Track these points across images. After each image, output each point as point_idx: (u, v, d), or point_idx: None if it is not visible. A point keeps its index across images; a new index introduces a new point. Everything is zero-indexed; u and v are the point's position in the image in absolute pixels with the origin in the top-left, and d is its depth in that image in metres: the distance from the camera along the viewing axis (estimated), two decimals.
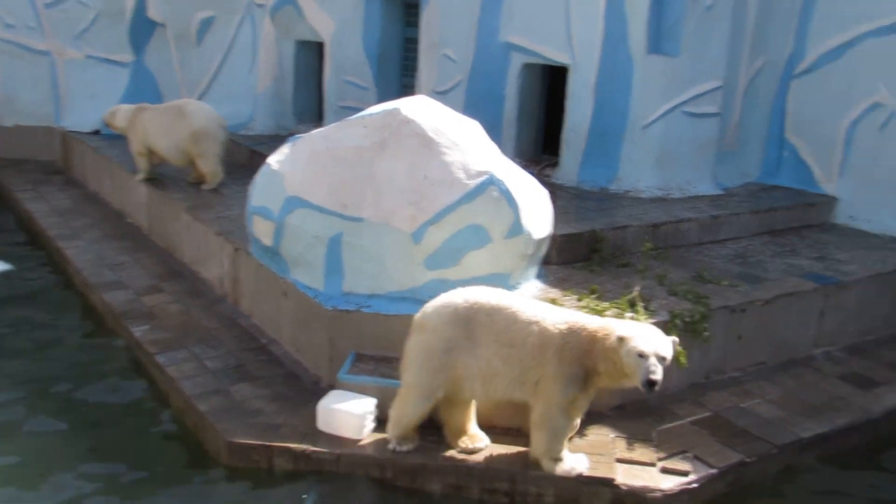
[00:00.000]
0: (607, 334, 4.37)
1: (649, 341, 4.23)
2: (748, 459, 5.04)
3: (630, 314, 5.57)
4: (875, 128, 8.29)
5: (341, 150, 5.87)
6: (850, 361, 6.52)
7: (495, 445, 5.08)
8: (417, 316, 4.74)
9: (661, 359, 4.20)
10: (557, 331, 4.48)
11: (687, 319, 5.67)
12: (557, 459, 4.70)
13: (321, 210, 5.82)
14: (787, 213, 8.38)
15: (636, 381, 4.20)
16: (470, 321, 4.53)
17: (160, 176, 9.24)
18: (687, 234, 7.43)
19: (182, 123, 8.38)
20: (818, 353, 6.56)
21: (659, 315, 5.54)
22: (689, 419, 5.44)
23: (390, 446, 4.84)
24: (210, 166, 8.51)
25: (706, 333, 5.74)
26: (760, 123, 9.05)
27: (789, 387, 6.00)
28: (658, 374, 4.14)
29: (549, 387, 4.46)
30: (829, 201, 8.64)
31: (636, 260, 6.85)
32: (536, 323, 4.50)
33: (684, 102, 8.28)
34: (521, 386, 4.54)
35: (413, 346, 4.66)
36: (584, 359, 4.41)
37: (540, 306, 4.63)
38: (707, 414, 5.51)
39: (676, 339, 4.42)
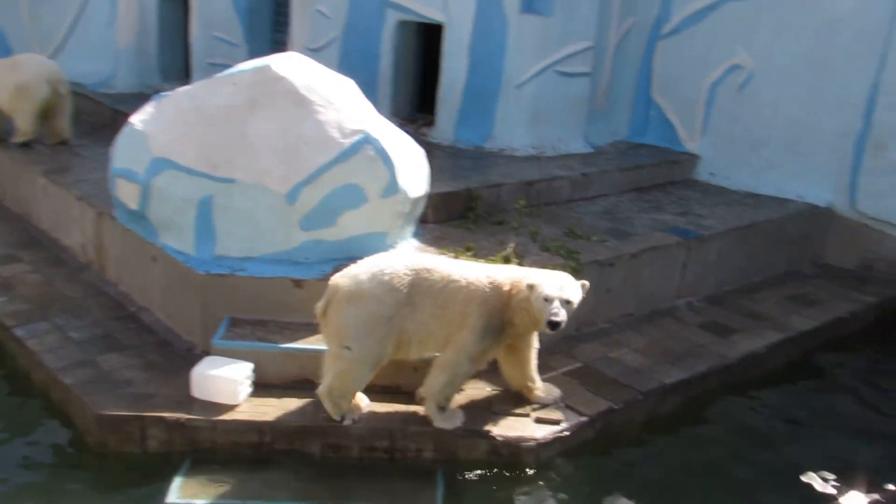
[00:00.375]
0: (521, 287, 4.56)
1: (555, 286, 4.47)
2: (616, 406, 5.23)
3: None
4: (734, 89, 8.58)
5: (210, 108, 5.64)
6: (709, 311, 6.80)
7: (375, 404, 5.10)
8: (347, 285, 4.60)
9: (566, 302, 4.46)
10: (481, 285, 4.61)
11: None
12: (442, 407, 4.83)
13: (189, 172, 5.62)
14: (653, 170, 8.62)
15: (543, 324, 4.44)
16: (411, 287, 4.57)
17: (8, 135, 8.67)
18: (559, 191, 7.52)
19: (10, 77, 7.94)
20: (681, 303, 6.81)
21: None
22: (561, 370, 5.56)
23: (346, 421, 4.80)
24: (23, 124, 8.06)
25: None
26: (629, 83, 9.19)
27: (654, 336, 6.20)
28: (560, 316, 4.39)
29: (466, 335, 4.61)
30: (692, 159, 8.91)
31: (510, 217, 6.90)
32: (464, 279, 4.62)
33: (557, 62, 8.33)
34: (450, 342, 4.70)
35: (353, 317, 4.55)
36: (503, 312, 4.61)
37: (466, 265, 4.78)
38: (578, 365, 5.66)
39: (587, 283, 4.63)
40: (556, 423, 5.07)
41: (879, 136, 7.92)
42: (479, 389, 5.37)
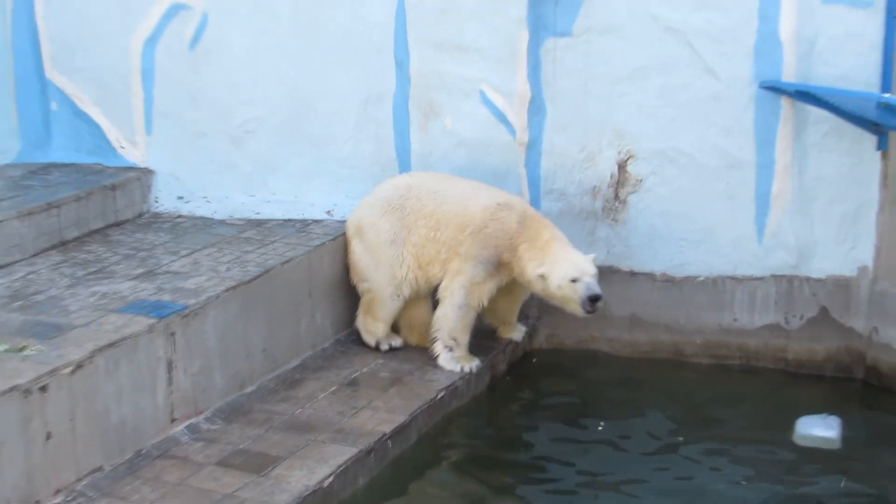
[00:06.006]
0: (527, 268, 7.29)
1: (573, 264, 7.16)
2: None
3: None
4: (183, 45, 8.84)
5: None
6: (228, 433, 6.94)
7: None
8: (352, 221, 7.65)
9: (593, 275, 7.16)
10: (482, 211, 7.30)
11: None
12: (449, 347, 7.58)
13: None
14: (78, 207, 8.32)
15: (578, 306, 7.16)
16: (403, 209, 7.35)
17: None
18: None
19: None
20: (179, 430, 6.90)
21: None
22: None
23: (382, 347, 7.75)
24: None
25: None
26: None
27: (148, 497, 6.13)
28: (598, 288, 7.17)
29: (460, 264, 7.26)
30: (142, 177, 8.95)
31: None
32: (463, 202, 7.24)
33: None
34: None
35: (359, 253, 7.55)
36: (501, 250, 7.19)
37: (474, 185, 7.46)
38: None
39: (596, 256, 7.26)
40: None
41: (426, 95, 8.72)
42: None
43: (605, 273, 8.45)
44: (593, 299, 6.92)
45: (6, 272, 7.59)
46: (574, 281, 6.96)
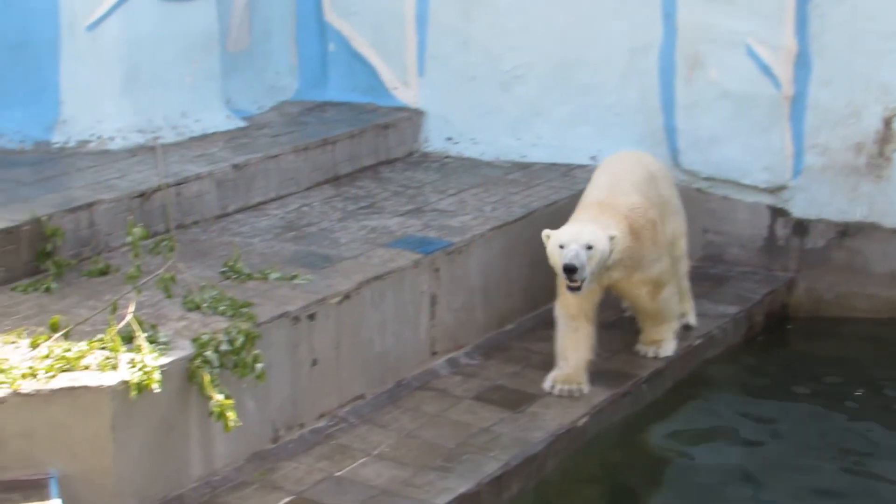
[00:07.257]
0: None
1: (570, 232, 6.45)
2: None
3: (130, 355, 5.28)
4: None
5: None
6: (487, 368, 7.11)
7: None
8: None
9: (587, 247, 6.34)
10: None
11: (225, 348, 5.60)
12: None
13: None
14: (353, 144, 8.63)
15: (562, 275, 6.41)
16: (598, 172, 7.37)
17: None
18: (200, 201, 7.40)
19: None
20: (439, 363, 7.08)
21: (178, 347, 5.45)
22: None
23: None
24: None
25: (259, 364, 5.70)
26: (283, 2, 9.41)
27: (406, 427, 6.30)
28: (574, 259, 6.26)
29: None
30: (413, 117, 9.22)
31: (121, 259, 6.60)
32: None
33: None
34: None
35: None
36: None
37: (623, 175, 7.15)
38: (287, 499, 5.54)
39: (616, 234, 6.48)
40: None
41: (692, 46, 8.46)
42: None
43: (867, 229, 8.50)
44: (565, 268, 6.24)
45: (281, 203, 7.92)
46: (562, 247, 6.35)
